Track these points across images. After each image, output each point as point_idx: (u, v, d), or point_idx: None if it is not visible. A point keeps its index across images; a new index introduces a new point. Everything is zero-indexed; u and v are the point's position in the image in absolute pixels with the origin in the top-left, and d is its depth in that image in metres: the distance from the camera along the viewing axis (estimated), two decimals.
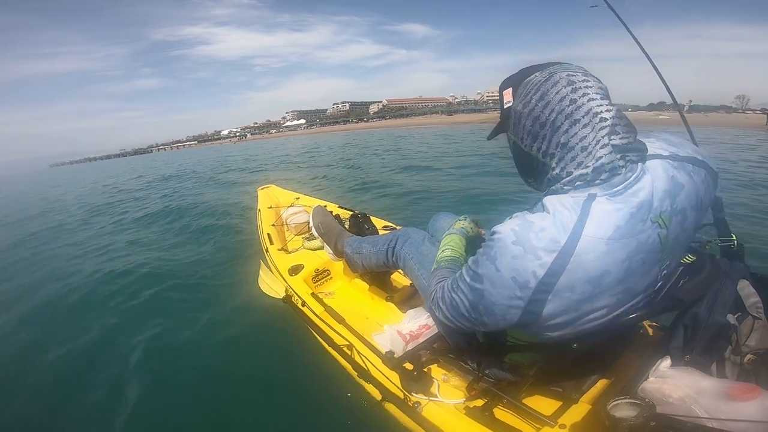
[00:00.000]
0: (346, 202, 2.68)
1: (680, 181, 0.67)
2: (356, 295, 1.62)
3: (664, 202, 0.64)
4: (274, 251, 1.99)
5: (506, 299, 0.64)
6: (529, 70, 0.69)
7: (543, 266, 0.60)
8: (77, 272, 3.34)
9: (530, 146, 0.68)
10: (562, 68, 0.65)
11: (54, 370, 1.92)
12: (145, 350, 1.96)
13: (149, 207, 6.29)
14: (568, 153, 0.63)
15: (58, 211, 7.57)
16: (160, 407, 1.58)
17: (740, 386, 0.62)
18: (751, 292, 0.78)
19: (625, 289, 0.64)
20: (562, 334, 0.68)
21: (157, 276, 2.96)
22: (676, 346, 0.78)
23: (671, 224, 0.65)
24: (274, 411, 1.46)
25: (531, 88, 0.66)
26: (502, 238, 0.64)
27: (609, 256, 0.60)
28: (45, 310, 2.68)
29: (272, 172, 9.51)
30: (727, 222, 0.99)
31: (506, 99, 0.71)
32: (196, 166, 14.85)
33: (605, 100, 0.62)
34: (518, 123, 0.68)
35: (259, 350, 1.81)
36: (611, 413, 0.65)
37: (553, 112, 0.62)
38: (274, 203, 2.72)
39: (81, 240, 4.61)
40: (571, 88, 0.62)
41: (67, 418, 1.59)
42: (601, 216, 0.60)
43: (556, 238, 0.60)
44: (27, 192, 14.82)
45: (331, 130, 57.89)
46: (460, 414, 0.95)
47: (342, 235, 1.55)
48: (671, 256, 0.68)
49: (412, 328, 1.20)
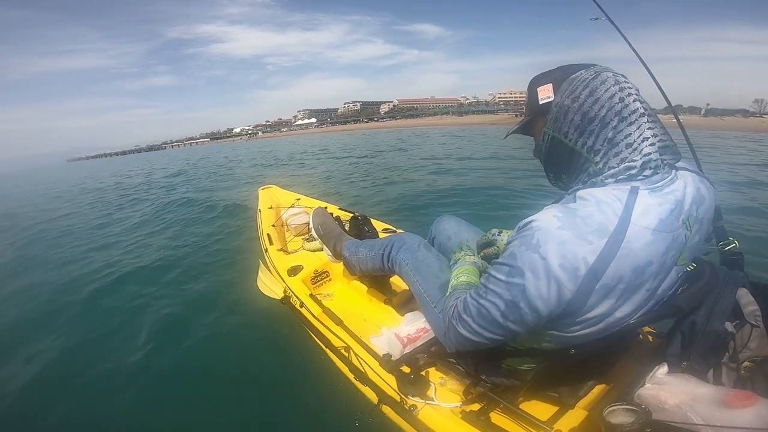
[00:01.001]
0: (362, 200, 2.67)
1: (702, 194, 0.70)
2: (355, 297, 1.62)
3: (692, 207, 0.66)
4: (273, 251, 2.00)
5: (553, 290, 0.60)
6: (571, 68, 0.70)
7: (594, 251, 0.58)
8: (79, 265, 3.36)
9: (576, 141, 0.67)
10: (604, 68, 0.67)
11: (52, 366, 1.92)
12: (139, 348, 1.96)
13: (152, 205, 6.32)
14: (613, 149, 0.64)
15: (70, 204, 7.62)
16: (155, 407, 1.57)
17: (736, 393, 0.62)
18: (749, 300, 0.78)
19: (656, 287, 0.65)
20: (588, 333, 0.67)
21: (156, 270, 2.98)
22: (674, 353, 0.78)
23: (693, 230, 0.67)
24: (270, 411, 1.46)
25: (578, 84, 0.66)
26: (544, 226, 0.61)
27: (653, 246, 0.61)
28: (44, 303, 2.69)
29: (291, 170, 9.59)
30: (725, 229, 0.99)
31: (543, 94, 0.71)
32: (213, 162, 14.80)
33: (645, 103, 0.65)
34: (564, 118, 0.68)
35: (256, 350, 1.81)
36: (607, 419, 0.65)
37: (603, 108, 0.63)
38: (274, 203, 2.72)
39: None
40: (618, 87, 0.64)
41: (62, 415, 1.58)
42: (646, 207, 0.61)
43: (605, 223, 0.59)
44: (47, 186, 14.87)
45: (341, 129, 58.13)
46: (457, 418, 0.94)
47: (341, 238, 1.55)
48: (686, 261, 0.70)
49: (410, 331, 1.20)
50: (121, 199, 7.57)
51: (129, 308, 2.47)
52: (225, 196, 6.17)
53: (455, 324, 0.77)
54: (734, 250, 0.94)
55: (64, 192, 10.89)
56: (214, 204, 5.51)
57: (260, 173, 9.42)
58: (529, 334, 0.73)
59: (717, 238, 0.99)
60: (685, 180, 0.67)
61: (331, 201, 2.78)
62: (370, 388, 1.09)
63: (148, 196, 7.54)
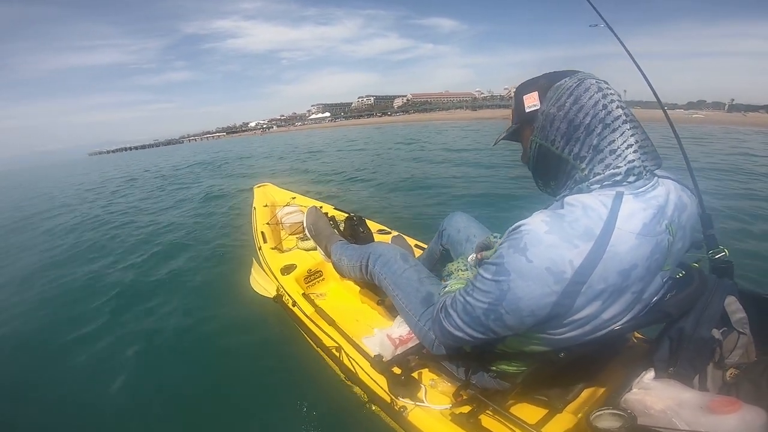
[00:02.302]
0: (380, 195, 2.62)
1: (684, 201, 0.71)
2: (348, 297, 1.62)
3: (674, 213, 0.67)
4: (267, 250, 1.99)
5: (538, 292, 0.61)
6: (555, 75, 0.70)
7: (581, 254, 0.59)
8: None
9: (562, 149, 0.68)
10: (587, 76, 0.68)
11: (50, 363, 1.90)
12: (130, 345, 1.95)
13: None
14: (598, 155, 0.65)
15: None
16: (145, 402, 1.57)
17: (721, 400, 0.63)
18: (737, 308, 0.79)
19: (641, 290, 0.66)
20: (576, 335, 0.68)
21: (151, 262, 2.97)
22: (661, 358, 0.79)
23: (676, 236, 0.68)
24: (260, 409, 1.45)
25: (563, 92, 0.67)
26: (532, 230, 0.62)
27: (638, 250, 0.62)
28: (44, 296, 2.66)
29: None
30: (716, 238, 1.00)
31: (530, 102, 0.71)
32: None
33: (627, 109, 0.66)
34: (550, 126, 0.68)
35: (247, 348, 1.80)
36: (594, 424, 0.65)
37: (588, 116, 0.64)
38: (269, 202, 2.71)
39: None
40: (601, 94, 0.65)
41: (57, 411, 1.57)
42: (630, 212, 0.62)
43: (591, 227, 0.60)
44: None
45: (355, 123, 58.02)
46: (446, 420, 0.95)
47: (331, 240, 1.55)
48: (671, 267, 0.71)
49: (402, 332, 1.20)
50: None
51: (121, 302, 2.46)
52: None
53: (441, 318, 0.79)
54: (724, 258, 0.95)
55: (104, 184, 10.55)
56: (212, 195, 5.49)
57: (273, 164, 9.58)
58: (515, 336, 0.74)
59: (707, 246, 1.00)
60: (668, 187, 0.69)
61: (330, 199, 2.78)
62: (360, 388, 1.09)
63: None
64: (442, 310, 0.80)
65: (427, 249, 1.51)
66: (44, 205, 7.59)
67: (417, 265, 1.20)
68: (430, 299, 1.07)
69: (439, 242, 1.40)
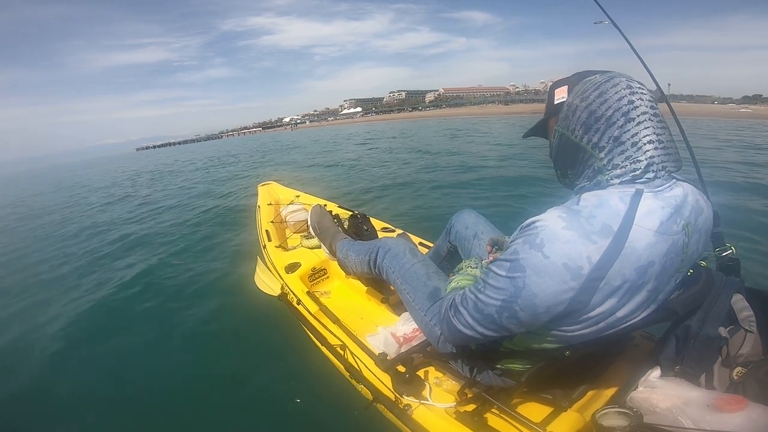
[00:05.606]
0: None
1: (701, 205, 0.71)
2: (352, 295, 1.62)
3: (692, 215, 0.67)
4: (271, 248, 2.00)
5: (554, 288, 0.61)
6: (588, 72, 0.72)
7: (599, 250, 0.59)
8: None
9: (581, 137, 0.69)
10: (620, 74, 0.68)
11: (47, 360, 1.92)
12: (132, 343, 1.97)
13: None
14: (619, 146, 0.65)
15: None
16: (148, 400, 1.58)
17: (727, 398, 0.62)
18: (744, 306, 0.79)
19: (656, 288, 0.66)
20: (588, 332, 0.68)
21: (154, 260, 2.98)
22: (667, 356, 0.79)
23: (692, 237, 0.68)
24: (264, 407, 1.46)
25: (590, 86, 0.68)
26: (548, 225, 0.62)
27: (655, 247, 0.62)
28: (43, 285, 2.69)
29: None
30: (723, 235, 1.00)
31: (559, 95, 0.73)
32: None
33: (656, 109, 0.66)
34: (572, 114, 0.69)
35: (251, 347, 1.81)
36: (599, 422, 0.65)
37: (610, 109, 0.65)
38: (273, 200, 2.72)
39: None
40: (629, 91, 0.65)
41: (52, 409, 1.59)
42: (649, 209, 0.62)
43: (608, 223, 0.60)
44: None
45: (384, 118, 57.69)
46: (451, 418, 0.95)
47: (336, 237, 1.55)
48: (684, 269, 0.71)
49: (407, 330, 1.20)
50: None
51: (119, 299, 2.48)
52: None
53: (450, 316, 0.78)
54: (731, 256, 0.95)
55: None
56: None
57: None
58: (526, 333, 0.74)
59: (714, 243, 1.00)
60: (685, 189, 0.69)
61: (332, 197, 2.78)
62: (365, 386, 1.10)
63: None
64: (451, 308, 0.79)
65: (434, 246, 1.51)
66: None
67: (425, 260, 1.20)
68: (437, 294, 1.07)
69: (447, 239, 1.40)
